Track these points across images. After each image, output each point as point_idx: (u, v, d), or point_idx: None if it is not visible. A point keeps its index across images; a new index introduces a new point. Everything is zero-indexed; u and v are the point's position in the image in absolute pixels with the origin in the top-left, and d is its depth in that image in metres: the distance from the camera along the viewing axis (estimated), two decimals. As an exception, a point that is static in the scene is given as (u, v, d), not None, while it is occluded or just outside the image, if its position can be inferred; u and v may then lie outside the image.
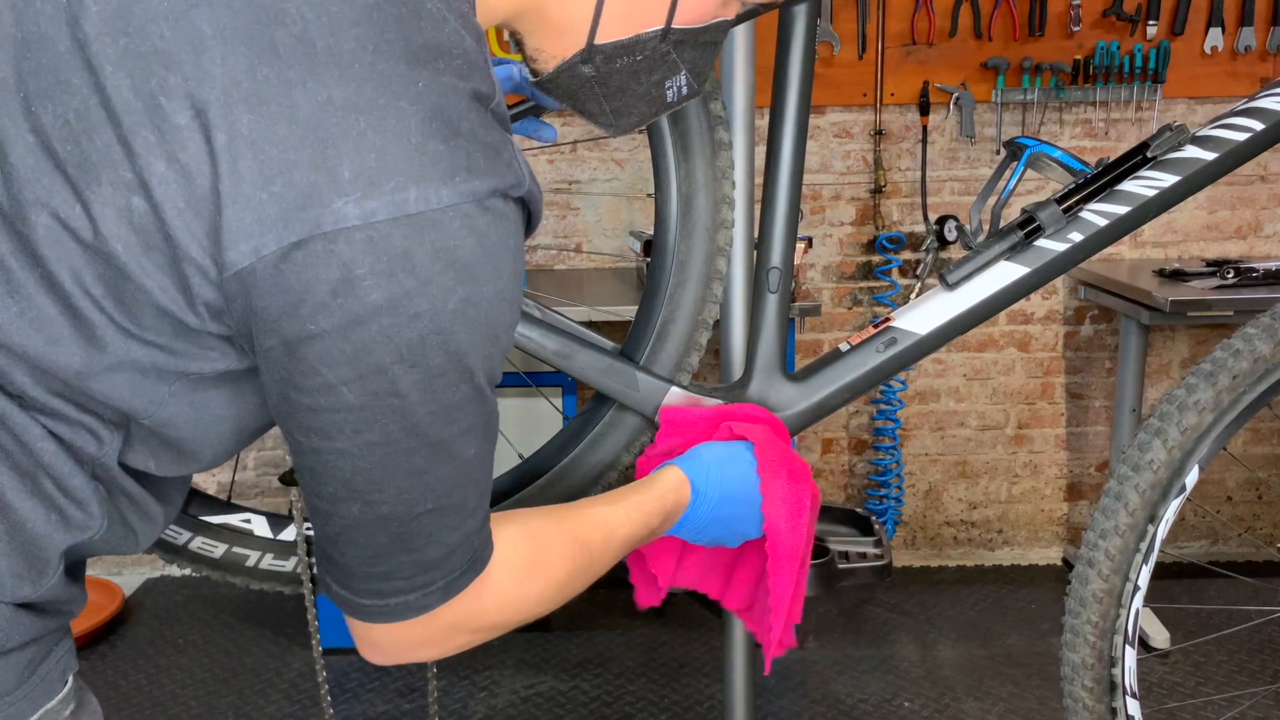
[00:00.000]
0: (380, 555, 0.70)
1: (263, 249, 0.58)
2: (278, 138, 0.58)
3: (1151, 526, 1.10)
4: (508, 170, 0.63)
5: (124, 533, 0.72)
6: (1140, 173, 1.06)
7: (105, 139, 0.59)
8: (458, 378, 0.64)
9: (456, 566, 0.72)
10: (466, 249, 0.61)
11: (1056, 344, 3.12)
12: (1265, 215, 3.05)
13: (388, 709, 2.43)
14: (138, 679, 2.58)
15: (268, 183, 0.58)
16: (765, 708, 2.41)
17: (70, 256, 0.61)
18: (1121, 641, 1.13)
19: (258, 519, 1.05)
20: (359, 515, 0.68)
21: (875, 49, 2.92)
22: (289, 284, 0.59)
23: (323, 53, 0.59)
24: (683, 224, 1.04)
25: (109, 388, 0.64)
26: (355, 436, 0.64)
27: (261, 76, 0.58)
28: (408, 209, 0.58)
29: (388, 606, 0.72)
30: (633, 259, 2.85)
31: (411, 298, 0.60)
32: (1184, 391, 1.09)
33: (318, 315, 0.59)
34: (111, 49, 0.59)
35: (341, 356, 0.61)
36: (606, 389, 1.04)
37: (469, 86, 0.63)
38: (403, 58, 0.60)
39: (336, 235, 0.58)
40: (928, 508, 3.22)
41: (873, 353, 1.06)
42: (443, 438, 0.66)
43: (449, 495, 0.69)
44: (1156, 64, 2.87)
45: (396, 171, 0.58)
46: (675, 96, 0.82)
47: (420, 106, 0.60)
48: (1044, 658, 2.61)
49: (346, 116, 0.58)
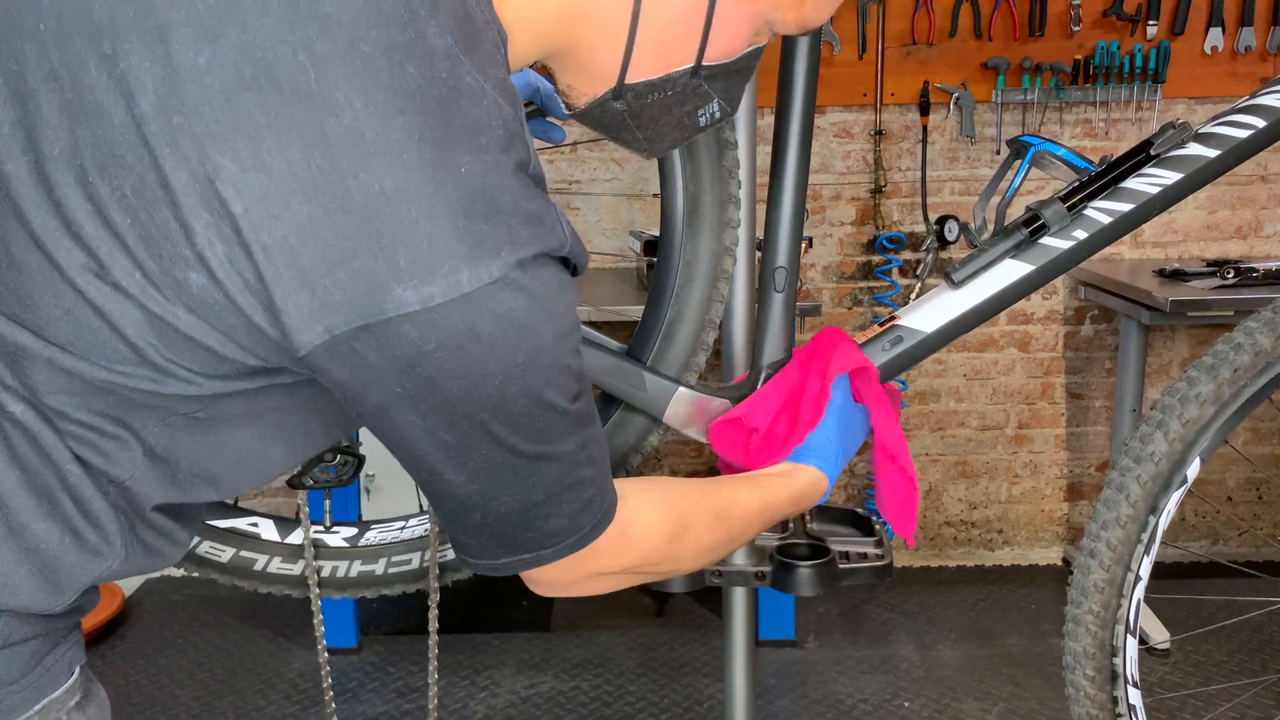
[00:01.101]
0: (506, 541, 0.76)
1: (334, 329, 0.62)
2: (335, 226, 0.60)
3: (1153, 518, 1.11)
4: (550, 235, 0.66)
5: (149, 558, 0.74)
6: (1144, 170, 1.06)
7: (163, 217, 0.61)
8: (541, 411, 0.68)
9: (585, 524, 0.77)
10: (520, 309, 0.64)
11: (1057, 344, 3.12)
12: (1265, 215, 3.05)
13: (388, 709, 2.43)
14: (138, 679, 2.58)
15: (330, 270, 0.61)
16: (765, 708, 2.41)
17: (133, 323, 0.64)
18: (1123, 631, 1.13)
19: (265, 523, 1.05)
20: (481, 519, 0.74)
21: (875, 49, 2.92)
22: (365, 361, 0.63)
23: (372, 143, 0.60)
24: (689, 223, 1.04)
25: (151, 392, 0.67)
26: (461, 468, 0.69)
27: (315, 166, 0.60)
28: (462, 289, 0.62)
29: (523, 561, 0.77)
30: (633, 259, 2.85)
31: (481, 361, 0.64)
32: (1185, 384, 1.10)
33: (398, 382, 0.64)
34: (166, 128, 0.60)
35: (430, 410, 0.65)
36: (613, 389, 1.04)
37: (510, 160, 0.65)
38: (445, 143, 0.62)
39: (401, 320, 0.61)
40: (928, 508, 3.22)
41: (879, 351, 1.07)
42: (539, 451, 0.70)
43: (560, 482, 0.73)
44: (1157, 64, 2.88)
45: (449, 255, 0.61)
46: (708, 120, 0.83)
47: (464, 191, 0.62)
48: (1044, 658, 2.61)
49: (399, 206, 0.61)
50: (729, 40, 0.77)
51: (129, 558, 0.70)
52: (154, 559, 0.74)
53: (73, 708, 0.71)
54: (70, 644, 0.72)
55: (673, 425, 1.07)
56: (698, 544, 0.89)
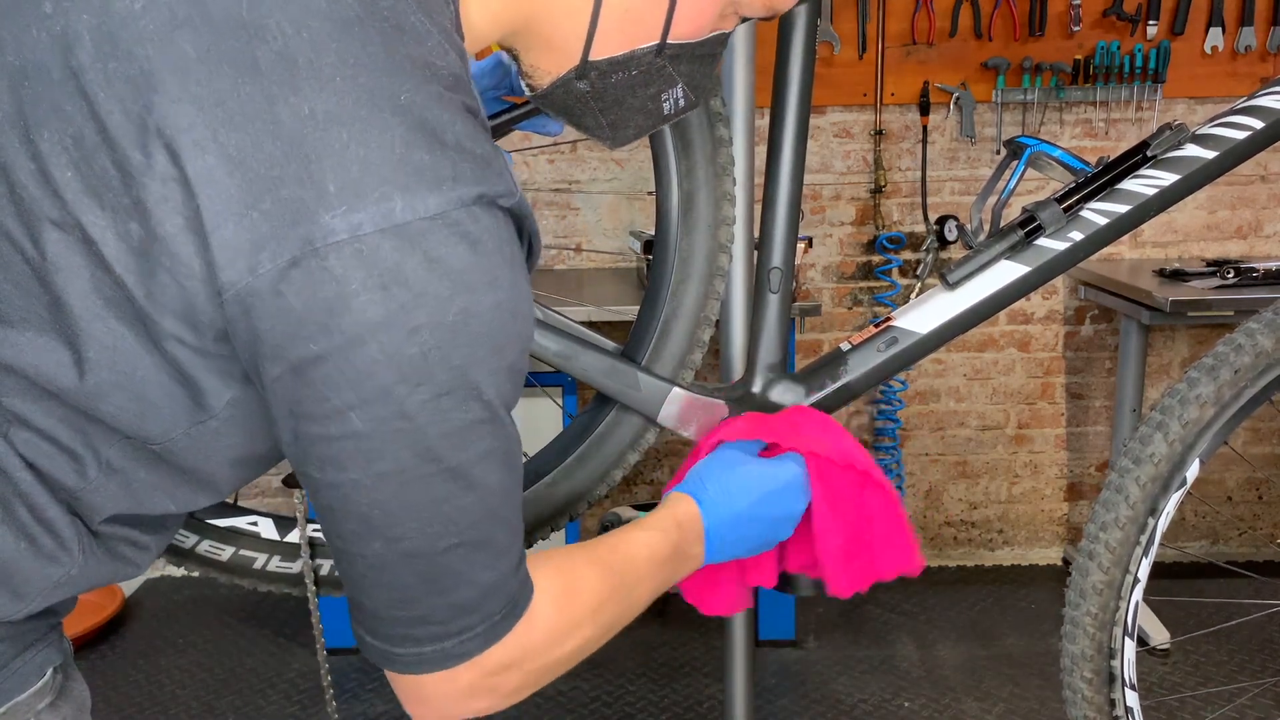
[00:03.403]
0: (410, 598, 0.68)
1: (258, 267, 0.58)
2: (264, 155, 0.58)
3: (1152, 519, 1.11)
4: (498, 179, 0.63)
5: (115, 565, 0.71)
6: (1140, 171, 1.06)
7: (102, 164, 0.60)
8: (466, 395, 0.63)
9: (495, 609, 0.70)
10: (459, 257, 0.60)
11: (1057, 344, 3.12)
12: (1265, 215, 3.05)
13: (388, 709, 2.43)
14: (138, 679, 2.58)
15: (257, 200, 0.58)
16: (765, 708, 2.41)
17: (79, 281, 0.61)
18: (1121, 634, 1.13)
19: (264, 521, 1.05)
20: (382, 553, 0.66)
21: (875, 49, 2.92)
22: (289, 305, 0.59)
23: (304, 68, 0.58)
24: (684, 221, 1.04)
25: (117, 408, 0.64)
26: (368, 466, 0.63)
27: (245, 94, 0.58)
28: (394, 219, 0.58)
29: (424, 655, 0.70)
30: (633, 259, 2.85)
31: (408, 311, 0.59)
32: (1186, 385, 1.10)
33: (318, 336, 0.59)
34: (102, 74, 0.60)
35: (345, 380, 0.60)
36: (609, 390, 1.04)
37: (457, 99, 0.63)
38: (385, 70, 0.60)
39: (327, 251, 0.58)
40: (928, 508, 3.22)
41: (874, 352, 1.07)
42: (458, 463, 0.64)
43: (475, 529, 0.67)
44: (1156, 64, 2.87)
45: (381, 182, 0.58)
46: (673, 108, 0.81)
47: (404, 117, 0.59)
48: (1044, 658, 2.61)
49: (330, 130, 0.58)
50: (695, 18, 0.76)
51: (89, 564, 0.69)
52: (121, 565, 0.72)
53: (44, 709, 0.71)
54: (44, 647, 0.71)
55: (667, 425, 1.07)
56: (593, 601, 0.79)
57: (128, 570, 0.73)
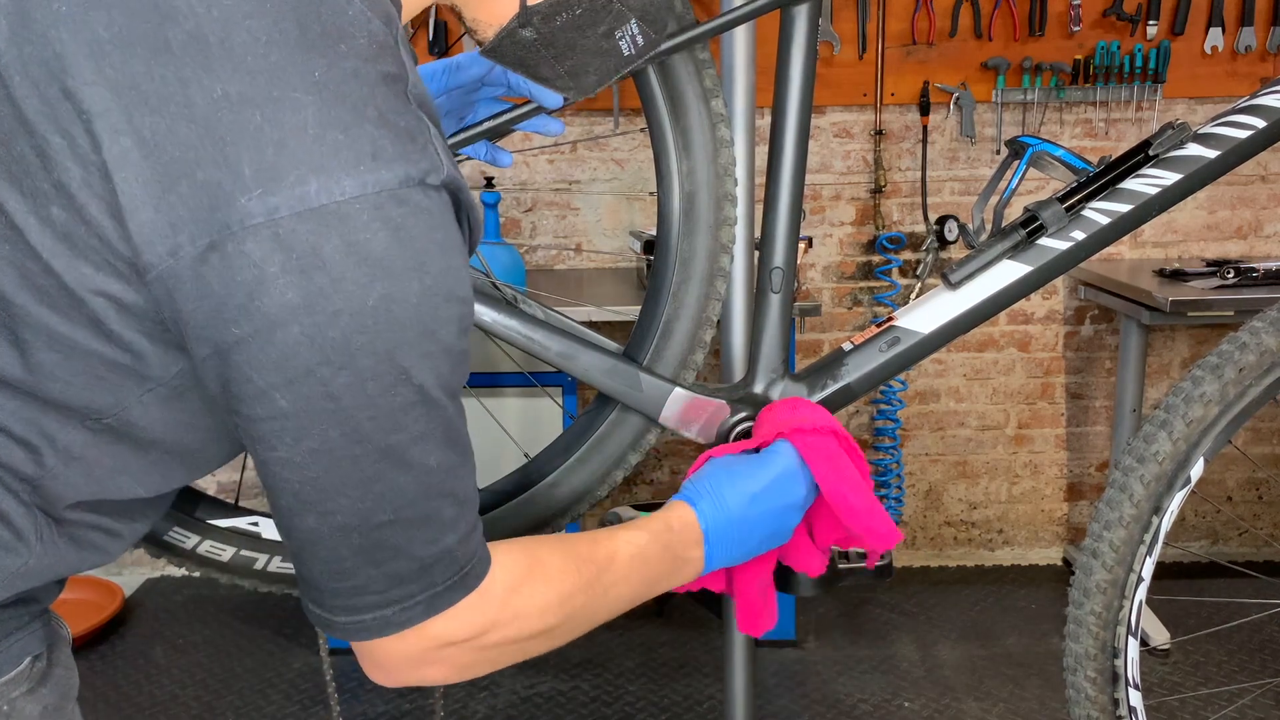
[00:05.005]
0: (346, 570, 0.67)
1: (178, 250, 0.58)
2: (179, 138, 0.57)
3: (1156, 518, 1.10)
4: (422, 155, 0.61)
5: (80, 553, 0.71)
6: (1142, 171, 1.06)
7: (20, 150, 0.59)
8: (395, 380, 0.62)
9: (439, 579, 0.69)
10: (379, 243, 0.59)
11: (1057, 344, 3.12)
12: (1265, 215, 3.05)
13: (387, 709, 2.43)
14: (138, 679, 2.58)
15: (174, 184, 0.57)
16: (765, 708, 2.41)
17: (9, 268, 0.61)
18: (1124, 633, 1.13)
19: (265, 521, 1.05)
20: (315, 527, 0.65)
21: (875, 49, 2.92)
22: (210, 288, 0.58)
23: (216, 47, 0.57)
24: (685, 221, 1.04)
25: (64, 384, 0.64)
26: (296, 445, 0.62)
27: (159, 76, 0.57)
28: (310, 203, 0.57)
29: (363, 623, 0.69)
30: (633, 259, 2.85)
31: (327, 295, 0.58)
32: (1190, 384, 1.10)
33: (240, 319, 0.58)
34: (18, 59, 0.59)
35: (269, 361, 0.59)
36: (610, 390, 1.04)
37: (376, 69, 0.61)
38: (298, 46, 0.58)
39: (245, 235, 0.57)
40: (928, 508, 3.22)
41: (875, 352, 1.06)
42: (390, 444, 0.63)
43: (412, 506, 0.66)
44: (1156, 64, 2.87)
45: (295, 165, 0.57)
46: (632, 48, 0.79)
47: (317, 96, 0.58)
48: (1044, 658, 2.61)
49: (243, 111, 0.57)
50: None
51: (50, 554, 0.68)
52: (90, 554, 0.72)
53: (19, 696, 0.70)
54: (22, 636, 0.70)
55: (669, 426, 1.07)
56: (559, 590, 0.77)
57: (97, 558, 0.73)
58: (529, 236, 3.05)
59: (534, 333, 1.02)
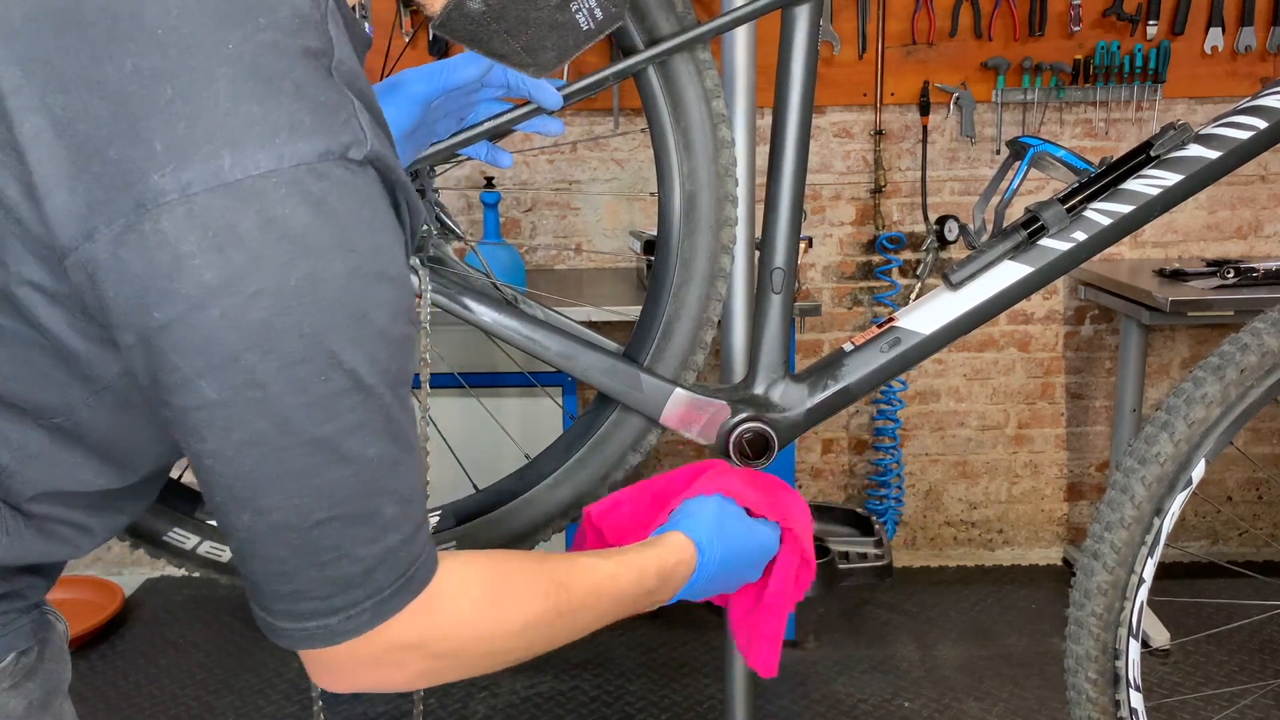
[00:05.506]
0: (285, 571, 0.64)
1: (94, 233, 0.56)
2: (91, 116, 0.55)
3: (1157, 520, 1.10)
4: (343, 129, 0.58)
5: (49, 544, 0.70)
6: (1144, 171, 1.06)
7: None
8: (324, 365, 0.59)
9: (384, 584, 0.66)
10: (299, 219, 0.56)
11: (1057, 344, 3.12)
12: (1265, 215, 3.05)
13: (387, 709, 2.43)
14: (138, 679, 2.58)
15: (87, 163, 0.55)
16: (765, 708, 2.41)
17: None
18: (1125, 634, 1.13)
19: None
20: (251, 524, 0.62)
21: (875, 49, 2.92)
22: (130, 271, 0.56)
23: (128, 21, 0.55)
24: (686, 222, 1.04)
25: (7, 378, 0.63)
26: (225, 437, 0.59)
27: (71, 53, 0.56)
28: (224, 177, 0.55)
29: (308, 630, 0.66)
30: (633, 259, 2.85)
31: (246, 275, 0.56)
32: (1191, 385, 1.10)
33: (161, 303, 0.56)
34: None
35: (192, 346, 0.57)
36: (611, 390, 1.04)
37: (297, 43, 0.58)
38: (213, 19, 0.56)
39: (159, 213, 0.55)
40: (928, 508, 3.22)
41: (876, 353, 1.06)
42: (323, 435, 0.60)
43: (351, 502, 0.63)
44: (1157, 64, 2.87)
45: (208, 138, 0.55)
46: (590, 22, 0.77)
47: (231, 68, 0.56)
48: (1044, 658, 2.61)
49: (154, 86, 0.55)
50: None
51: (15, 545, 0.67)
52: (58, 545, 0.70)
53: (3, 690, 0.69)
54: (7, 632, 0.70)
55: (669, 426, 1.07)
56: (524, 614, 0.74)
57: (65, 551, 0.71)
58: (529, 236, 3.05)
59: (534, 333, 1.02)
